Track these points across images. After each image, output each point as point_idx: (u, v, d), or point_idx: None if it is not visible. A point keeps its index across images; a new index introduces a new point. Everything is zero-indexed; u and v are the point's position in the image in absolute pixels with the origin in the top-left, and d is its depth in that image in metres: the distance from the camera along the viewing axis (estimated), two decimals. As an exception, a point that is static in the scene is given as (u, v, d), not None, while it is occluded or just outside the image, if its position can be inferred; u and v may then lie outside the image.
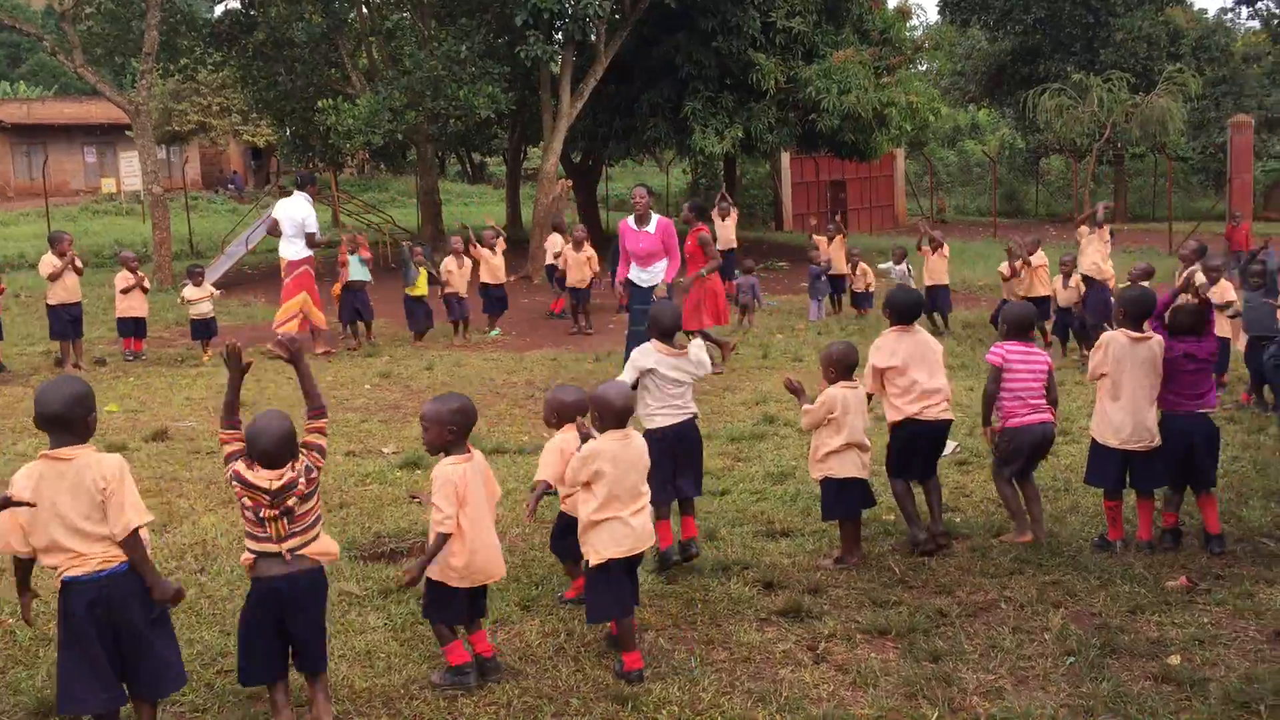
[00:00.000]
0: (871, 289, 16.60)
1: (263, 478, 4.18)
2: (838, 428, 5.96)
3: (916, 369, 6.20)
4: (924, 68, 34.06)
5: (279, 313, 13.64)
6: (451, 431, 4.63)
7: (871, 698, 4.53)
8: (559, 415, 5.47)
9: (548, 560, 6.10)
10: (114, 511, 3.93)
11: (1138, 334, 6.14)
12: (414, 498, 7.34)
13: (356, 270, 14.16)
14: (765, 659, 4.93)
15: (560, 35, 21.71)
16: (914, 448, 6.29)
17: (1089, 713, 4.37)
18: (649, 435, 5.84)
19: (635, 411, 5.97)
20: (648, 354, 5.92)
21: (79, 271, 12.82)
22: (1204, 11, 61.25)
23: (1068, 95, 29.57)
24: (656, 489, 5.83)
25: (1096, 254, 12.45)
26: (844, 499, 6.04)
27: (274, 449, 4.19)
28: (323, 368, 12.66)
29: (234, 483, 4.23)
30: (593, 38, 21.05)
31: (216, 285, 15.19)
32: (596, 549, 4.79)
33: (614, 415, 4.89)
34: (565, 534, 5.43)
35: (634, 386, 5.89)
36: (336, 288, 14.28)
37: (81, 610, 3.89)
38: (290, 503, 4.20)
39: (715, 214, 17.92)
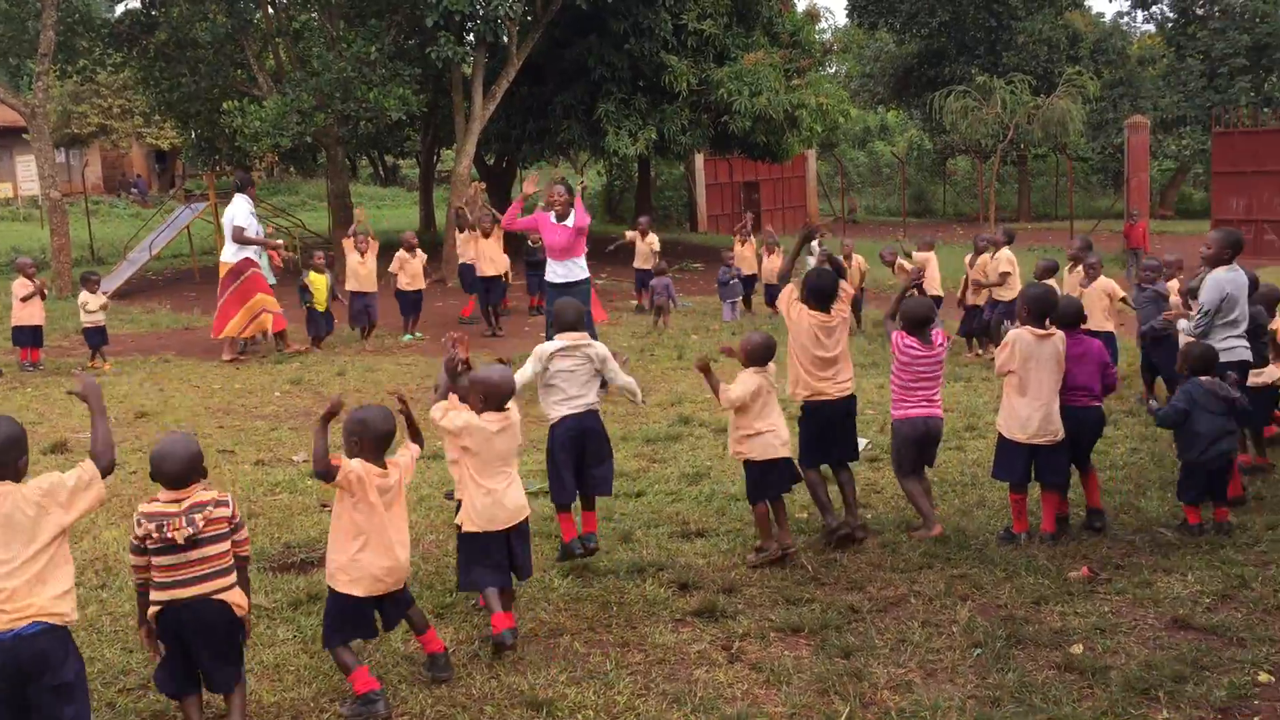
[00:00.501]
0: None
1: (168, 500, 4.10)
2: (762, 408, 6.08)
3: (826, 349, 6.38)
4: (833, 70, 34.55)
5: (237, 318, 13.15)
6: (354, 441, 4.57)
7: (784, 695, 4.58)
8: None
9: (462, 567, 6.04)
10: (76, 485, 3.77)
11: (1042, 331, 6.30)
12: (325, 506, 7.22)
13: (266, 273, 13.90)
14: (680, 660, 4.95)
15: (472, 37, 21.53)
16: (824, 426, 6.41)
17: (996, 703, 4.46)
18: (552, 429, 5.94)
19: (541, 406, 6.05)
20: (550, 344, 6.06)
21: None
22: (1101, 15, 63.02)
23: (972, 97, 30.19)
24: (558, 482, 5.88)
25: (996, 291, 12.32)
26: (770, 478, 6.11)
27: (179, 471, 4.12)
28: (231, 374, 12.40)
29: (140, 523, 4.07)
30: (504, 39, 20.93)
31: (120, 292, 14.76)
32: (471, 518, 4.97)
33: (496, 396, 5.01)
34: None
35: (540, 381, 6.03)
36: None
37: None
38: (198, 517, 4.05)
39: (636, 232, 17.17)
